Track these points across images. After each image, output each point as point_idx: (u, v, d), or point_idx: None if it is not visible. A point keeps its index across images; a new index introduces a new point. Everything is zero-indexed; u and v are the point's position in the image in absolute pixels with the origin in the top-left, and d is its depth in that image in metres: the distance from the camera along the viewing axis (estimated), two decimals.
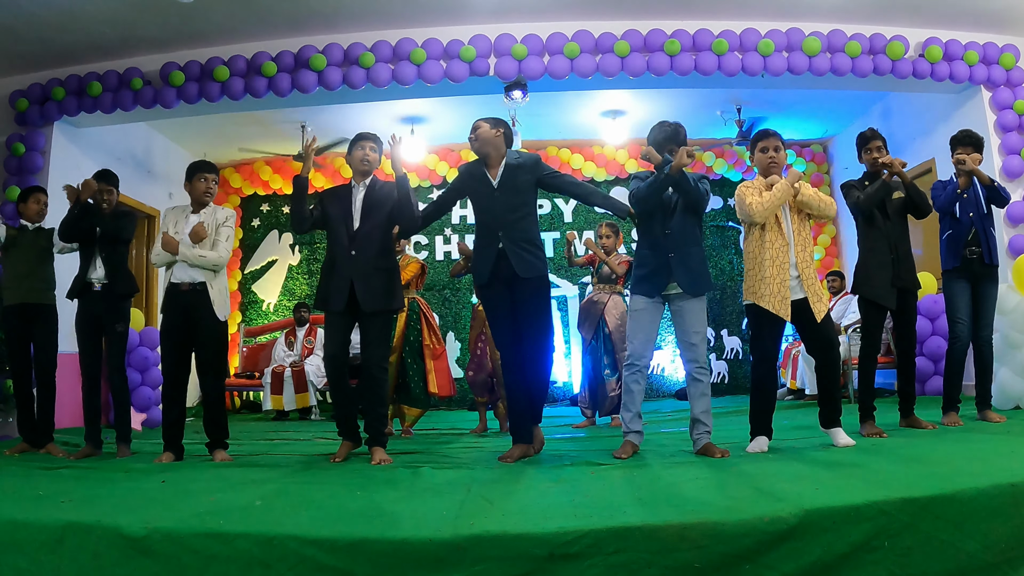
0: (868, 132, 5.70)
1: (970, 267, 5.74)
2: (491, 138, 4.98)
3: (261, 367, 10.77)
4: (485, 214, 5.00)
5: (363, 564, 2.68)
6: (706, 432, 4.70)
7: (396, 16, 7.92)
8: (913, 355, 5.66)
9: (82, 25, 7.63)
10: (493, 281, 4.91)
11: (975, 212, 5.75)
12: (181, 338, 5.34)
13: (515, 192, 4.93)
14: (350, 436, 5.17)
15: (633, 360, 4.85)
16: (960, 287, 5.76)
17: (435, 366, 7.03)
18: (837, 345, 4.87)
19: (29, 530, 3.06)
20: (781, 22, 8.03)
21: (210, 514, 3.14)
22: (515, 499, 3.42)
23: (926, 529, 2.86)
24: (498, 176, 4.96)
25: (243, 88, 7.99)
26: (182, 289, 5.32)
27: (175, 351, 5.35)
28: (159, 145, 10.47)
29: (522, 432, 4.90)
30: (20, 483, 4.27)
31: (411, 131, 10.46)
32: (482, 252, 4.96)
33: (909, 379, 5.65)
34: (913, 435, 5.18)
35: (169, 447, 5.32)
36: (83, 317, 5.86)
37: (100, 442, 5.86)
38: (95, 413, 5.86)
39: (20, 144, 8.07)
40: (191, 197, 5.51)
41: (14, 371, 6.19)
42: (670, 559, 2.70)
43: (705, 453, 4.59)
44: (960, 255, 5.75)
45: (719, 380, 11.66)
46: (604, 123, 10.54)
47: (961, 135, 5.85)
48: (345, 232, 5.08)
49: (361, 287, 4.99)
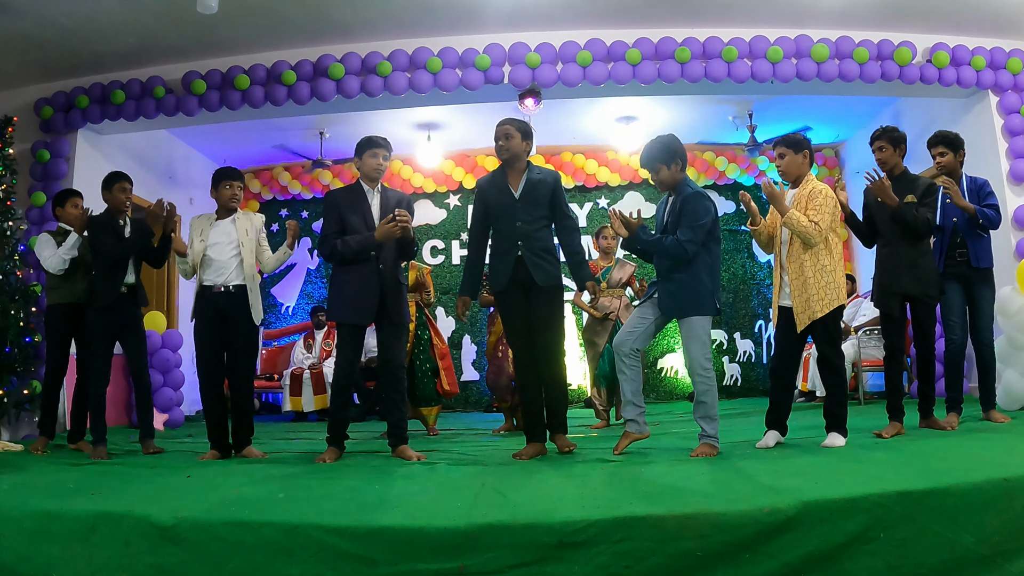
0: (876, 131, 5.66)
1: (959, 270, 5.75)
2: (520, 151, 5.04)
3: (280, 369, 10.93)
4: (504, 223, 5.04)
5: (382, 551, 2.83)
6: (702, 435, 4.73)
7: (412, 25, 8.04)
8: (932, 357, 5.63)
9: (105, 34, 7.78)
10: (511, 287, 5.00)
11: (959, 217, 5.76)
12: (218, 340, 5.47)
13: (535, 205, 5.00)
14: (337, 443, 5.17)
15: (617, 346, 4.87)
16: (951, 288, 5.74)
17: (442, 365, 7.18)
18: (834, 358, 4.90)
19: (62, 520, 3.22)
20: (790, 29, 8.10)
21: (236, 505, 3.29)
22: (526, 492, 3.55)
23: (921, 521, 2.97)
24: (520, 188, 5.01)
25: (263, 96, 8.13)
26: (216, 292, 5.44)
27: (213, 352, 5.48)
28: (180, 151, 10.63)
29: (537, 431, 5.01)
30: (50, 477, 4.45)
31: (427, 137, 10.59)
32: (500, 260, 5.02)
33: (928, 380, 5.62)
34: (918, 434, 5.26)
35: (215, 446, 5.47)
36: (105, 322, 5.90)
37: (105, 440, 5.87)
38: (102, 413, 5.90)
39: (45, 151, 8.24)
40: (217, 203, 5.63)
41: (50, 368, 6.28)
42: (673, 548, 2.83)
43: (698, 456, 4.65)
44: (944, 260, 5.78)
45: (732, 382, 11.74)
46: (617, 129, 10.62)
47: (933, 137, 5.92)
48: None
49: (390, 300, 5.13)
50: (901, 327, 5.60)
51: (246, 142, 10.83)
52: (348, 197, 5.28)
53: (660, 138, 4.89)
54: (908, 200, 5.38)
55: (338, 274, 5.24)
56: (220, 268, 5.48)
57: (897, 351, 5.53)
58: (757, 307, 11.87)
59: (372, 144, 5.24)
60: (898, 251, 5.44)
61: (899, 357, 5.57)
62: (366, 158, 5.23)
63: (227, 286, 5.46)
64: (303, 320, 11.91)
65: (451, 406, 10.32)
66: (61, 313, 6.20)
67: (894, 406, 5.35)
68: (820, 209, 4.76)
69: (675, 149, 4.84)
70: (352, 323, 5.15)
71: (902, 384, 5.56)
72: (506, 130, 5.04)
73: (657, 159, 4.83)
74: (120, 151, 9.10)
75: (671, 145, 4.85)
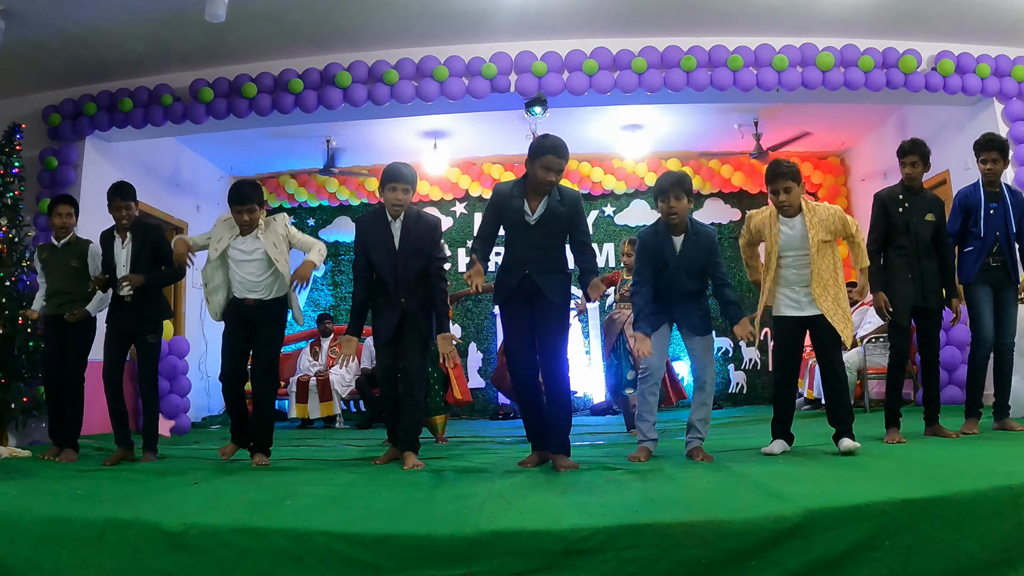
0: (907, 144, 5.65)
1: (993, 274, 5.68)
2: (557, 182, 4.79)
3: (286, 376, 10.94)
4: (515, 243, 4.87)
5: (389, 558, 2.84)
6: (698, 438, 4.90)
7: (419, 34, 8.09)
8: (937, 363, 5.64)
9: (113, 42, 7.85)
10: (514, 296, 4.89)
11: (1002, 231, 5.68)
12: (244, 343, 5.53)
13: (548, 233, 4.81)
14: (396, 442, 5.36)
15: (651, 372, 5.01)
16: (984, 293, 5.68)
17: (455, 374, 7.20)
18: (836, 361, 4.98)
19: (71, 526, 3.23)
20: (795, 37, 8.14)
21: (243, 511, 3.31)
22: (533, 499, 3.56)
23: (926, 529, 2.97)
24: (536, 213, 4.78)
25: (270, 104, 8.19)
26: (247, 304, 5.46)
27: (237, 354, 5.53)
28: (187, 158, 10.68)
29: (538, 439, 4.99)
30: (58, 484, 4.45)
31: (434, 145, 10.63)
32: (508, 274, 4.88)
33: (933, 386, 5.61)
34: (925, 441, 5.26)
35: (235, 440, 5.61)
36: (114, 327, 5.90)
37: (131, 444, 5.88)
38: (122, 417, 5.90)
39: (53, 158, 8.29)
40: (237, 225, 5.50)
41: (46, 378, 6.31)
42: (679, 555, 2.84)
43: (691, 456, 4.82)
44: (982, 264, 5.67)
45: (737, 390, 11.77)
46: (624, 137, 10.66)
47: (984, 139, 5.79)
48: (390, 275, 5.21)
49: (409, 326, 5.23)
50: (909, 334, 5.63)
51: (253, 149, 10.88)
52: (373, 227, 5.28)
53: (680, 172, 5.21)
54: (928, 219, 5.48)
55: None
56: (253, 287, 5.45)
57: (904, 358, 5.56)
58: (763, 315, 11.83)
59: (391, 178, 5.16)
60: (916, 263, 5.47)
61: (904, 364, 5.59)
62: (386, 192, 5.18)
63: (261, 300, 5.48)
64: (309, 328, 11.94)
65: (457, 414, 10.33)
66: (49, 323, 6.24)
67: (894, 412, 5.39)
68: (858, 227, 5.02)
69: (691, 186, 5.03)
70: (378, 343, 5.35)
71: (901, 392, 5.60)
72: (559, 164, 4.68)
73: (682, 188, 4.88)
74: (127, 158, 9.15)
75: (689, 181, 5.01)
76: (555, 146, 4.66)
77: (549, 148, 4.65)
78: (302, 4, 7.39)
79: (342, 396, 10.28)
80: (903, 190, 5.61)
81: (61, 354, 6.14)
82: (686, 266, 4.94)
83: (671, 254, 4.93)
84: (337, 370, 10.31)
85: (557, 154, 4.65)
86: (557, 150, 4.66)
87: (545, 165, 4.66)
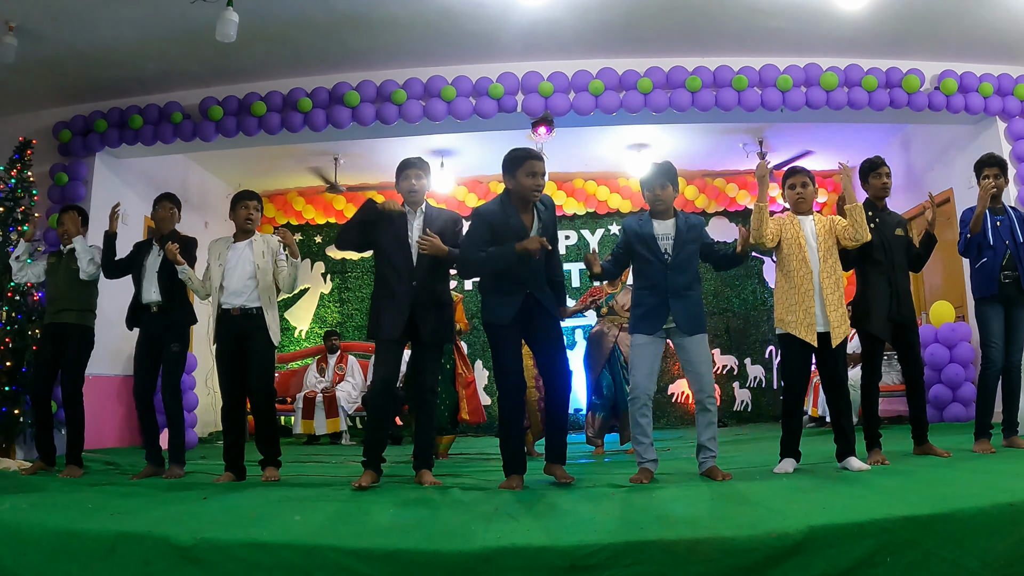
0: (876, 158, 5.77)
1: (1005, 291, 5.65)
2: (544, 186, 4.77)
3: (292, 392, 10.99)
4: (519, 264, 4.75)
5: (398, 573, 2.87)
6: (711, 456, 4.83)
7: (427, 54, 8.16)
8: (922, 381, 5.63)
9: (124, 60, 7.94)
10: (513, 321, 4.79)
11: (1011, 240, 5.68)
12: (236, 363, 5.52)
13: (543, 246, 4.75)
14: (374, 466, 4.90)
15: (638, 394, 4.87)
16: (995, 311, 5.68)
17: (466, 394, 7.23)
18: (846, 380, 5.03)
19: (82, 539, 3.26)
20: (799, 57, 8.20)
21: (254, 526, 3.34)
22: (539, 516, 3.59)
23: (927, 546, 2.99)
24: (535, 229, 4.77)
25: (279, 123, 8.26)
26: (233, 315, 5.49)
27: (231, 375, 5.54)
28: (196, 175, 10.78)
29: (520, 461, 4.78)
30: (69, 498, 4.49)
31: (441, 164, 10.69)
32: (509, 297, 4.77)
33: (920, 405, 5.60)
34: (924, 460, 5.24)
35: (230, 468, 5.48)
36: (142, 339, 5.94)
37: (162, 460, 5.88)
38: (152, 434, 5.92)
39: (63, 174, 8.38)
40: (235, 225, 5.72)
41: (34, 390, 6.34)
42: (683, 571, 2.86)
43: (709, 475, 4.74)
44: (996, 280, 5.64)
45: (743, 408, 11.73)
46: (629, 156, 10.73)
47: (984, 157, 5.85)
48: (403, 263, 4.99)
49: (423, 319, 4.96)
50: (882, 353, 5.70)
51: (261, 167, 10.95)
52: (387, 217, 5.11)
53: (666, 162, 5.08)
54: (898, 234, 5.56)
55: (376, 289, 5.16)
56: (238, 291, 5.52)
57: (877, 377, 5.61)
58: (767, 333, 11.87)
59: (403, 166, 5.15)
60: (894, 278, 5.50)
61: (876, 383, 5.60)
62: (400, 182, 5.15)
63: (244, 308, 5.50)
64: (316, 344, 11.97)
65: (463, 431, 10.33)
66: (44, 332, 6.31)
67: (874, 433, 5.35)
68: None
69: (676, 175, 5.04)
70: (383, 337, 4.99)
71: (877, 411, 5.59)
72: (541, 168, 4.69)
73: (668, 177, 4.97)
74: (137, 174, 9.23)
75: (674, 170, 5.04)
76: (530, 151, 4.74)
77: (525, 155, 4.71)
78: (312, 25, 7.48)
79: (348, 412, 10.31)
80: (870, 206, 5.62)
81: (54, 363, 6.17)
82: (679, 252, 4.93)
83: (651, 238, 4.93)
84: (343, 387, 10.35)
85: (537, 157, 4.70)
86: (533, 154, 4.71)
87: (530, 171, 4.66)
